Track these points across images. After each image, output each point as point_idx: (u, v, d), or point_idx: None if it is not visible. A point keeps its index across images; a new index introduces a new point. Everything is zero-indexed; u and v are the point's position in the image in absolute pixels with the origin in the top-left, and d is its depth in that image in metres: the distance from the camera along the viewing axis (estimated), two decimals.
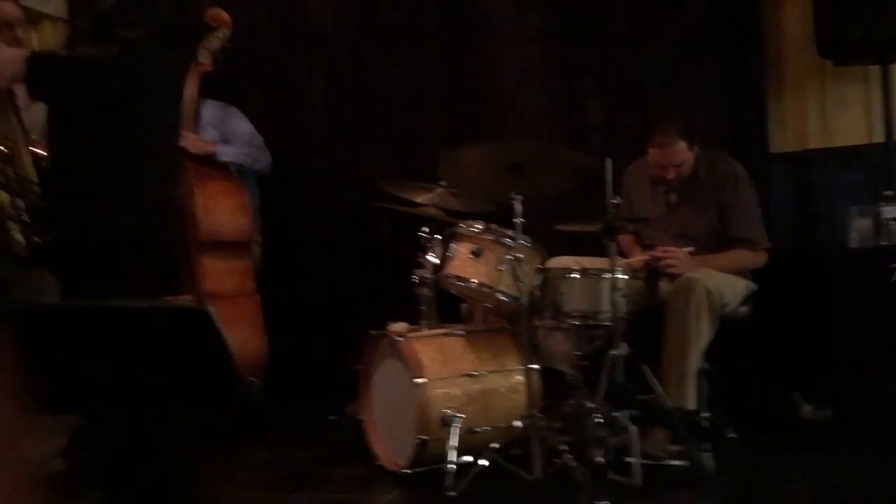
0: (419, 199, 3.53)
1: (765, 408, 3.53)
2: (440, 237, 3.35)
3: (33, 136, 2.38)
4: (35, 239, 2.26)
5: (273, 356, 3.62)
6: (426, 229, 3.41)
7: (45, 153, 2.38)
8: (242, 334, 3.51)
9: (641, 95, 3.99)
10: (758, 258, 3.38)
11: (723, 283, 3.18)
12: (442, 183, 3.46)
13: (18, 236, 2.24)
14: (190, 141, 3.72)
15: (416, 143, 4.22)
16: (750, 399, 3.49)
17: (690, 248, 3.29)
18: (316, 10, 4.33)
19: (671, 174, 3.37)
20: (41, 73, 2.22)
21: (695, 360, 3.06)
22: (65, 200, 2.28)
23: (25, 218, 2.24)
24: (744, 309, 3.31)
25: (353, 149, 4.32)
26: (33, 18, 4.47)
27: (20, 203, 2.24)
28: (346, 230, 4.32)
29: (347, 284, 4.30)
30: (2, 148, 2.27)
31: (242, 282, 3.69)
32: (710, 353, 3.14)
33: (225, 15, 4.02)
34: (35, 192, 2.27)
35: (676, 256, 3.24)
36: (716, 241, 3.39)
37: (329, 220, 4.33)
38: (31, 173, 2.28)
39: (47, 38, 4.53)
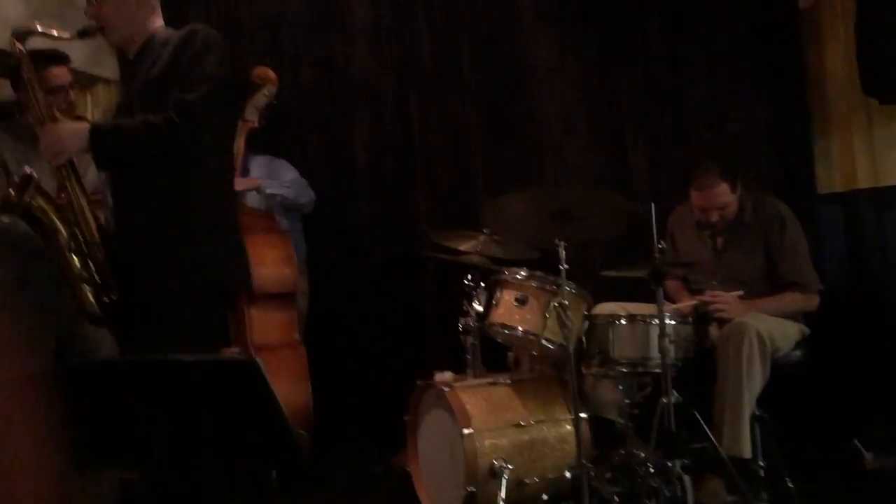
0: (463, 247, 3.53)
1: (824, 456, 3.42)
2: (484, 285, 3.35)
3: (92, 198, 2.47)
4: (105, 298, 2.35)
5: (319, 406, 3.62)
6: (471, 277, 3.41)
7: (101, 214, 2.48)
8: (287, 385, 3.52)
9: (684, 139, 3.97)
10: (810, 301, 3.31)
11: (774, 327, 3.11)
12: (485, 230, 3.47)
13: (90, 298, 2.34)
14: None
15: (459, 192, 4.24)
16: (808, 447, 3.38)
17: (739, 293, 3.23)
18: (358, 63, 4.42)
19: (715, 217, 3.34)
20: (104, 144, 2.33)
21: (749, 407, 2.98)
22: (130, 259, 2.37)
23: (96, 279, 2.34)
24: (797, 353, 3.23)
25: (397, 199, 4.36)
26: (87, 82, 4.64)
27: (91, 266, 2.34)
28: (391, 279, 4.34)
29: (393, 334, 4.30)
30: (70, 215, 2.38)
31: (288, 333, 3.71)
32: (765, 400, 3.06)
33: (271, 73, 4.12)
34: (101, 252, 2.36)
35: (726, 301, 3.19)
36: (766, 284, 3.33)
37: (374, 269, 4.35)
38: (96, 235, 2.37)
39: (101, 101, 4.68)
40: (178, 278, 2.32)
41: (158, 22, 2.61)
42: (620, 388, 3.12)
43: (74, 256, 2.34)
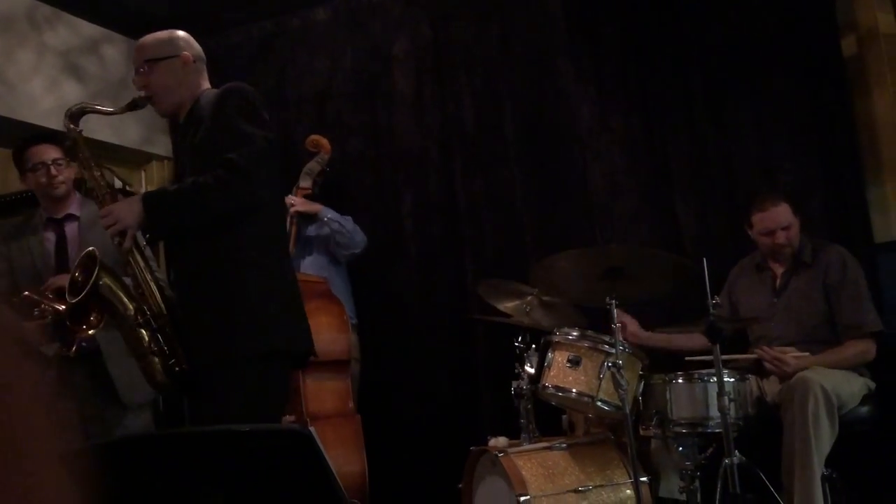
0: (511, 309, 3.50)
1: None
2: (535, 346, 3.30)
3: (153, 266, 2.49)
4: (176, 368, 2.36)
5: (372, 475, 3.57)
6: (521, 339, 3.37)
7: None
8: (342, 455, 3.49)
9: (733, 193, 3.91)
10: (868, 347, 3.19)
11: (839, 381, 3.00)
12: (534, 291, 3.44)
13: (160, 370, 2.36)
14: (298, 202, 3.96)
15: (506, 255, 4.23)
16: None
17: (805, 354, 3.14)
18: (403, 131, 4.49)
19: (781, 238, 3.27)
20: (159, 212, 2.35)
21: (819, 468, 2.86)
22: (191, 327, 2.37)
23: (165, 351, 2.35)
24: (864, 409, 3.11)
25: (444, 264, 4.36)
26: (141, 159, 4.79)
27: (159, 338, 2.35)
28: (441, 345, 4.31)
29: (445, 399, 4.26)
30: (137, 289, 2.40)
31: (342, 402, 3.69)
32: (833, 459, 2.93)
33: (325, 141, 4.20)
34: (167, 322, 2.38)
35: (786, 362, 3.09)
36: (825, 330, 3.23)
37: (423, 334, 4.34)
38: (162, 306, 2.39)
39: (155, 177, 4.83)
40: (237, 344, 2.32)
41: (205, 85, 2.60)
42: (681, 449, 3.03)
43: (143, 331, 2.36)
